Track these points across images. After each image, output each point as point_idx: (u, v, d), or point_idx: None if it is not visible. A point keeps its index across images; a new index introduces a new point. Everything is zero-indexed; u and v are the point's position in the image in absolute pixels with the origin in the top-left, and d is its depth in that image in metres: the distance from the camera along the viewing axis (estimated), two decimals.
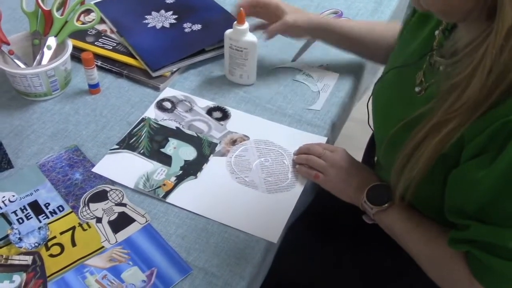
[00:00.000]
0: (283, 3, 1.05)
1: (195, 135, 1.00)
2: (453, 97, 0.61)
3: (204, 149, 0.97)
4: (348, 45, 1.09)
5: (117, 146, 0.97)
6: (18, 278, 0.77)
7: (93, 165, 0.94)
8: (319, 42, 1.23)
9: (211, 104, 1.07)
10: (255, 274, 0.81)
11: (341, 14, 1.31)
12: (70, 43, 1.07)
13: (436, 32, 0.76)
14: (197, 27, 1.20)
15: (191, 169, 0.94)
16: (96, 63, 1.13)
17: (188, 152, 0.97)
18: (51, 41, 1.06)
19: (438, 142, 0.64)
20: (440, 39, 0.75)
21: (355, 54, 1.13)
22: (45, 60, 1.06)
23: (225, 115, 1.05)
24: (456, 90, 0.61)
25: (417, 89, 0.76)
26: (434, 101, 0.65)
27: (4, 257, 0.80)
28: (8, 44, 1.04)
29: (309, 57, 1.19)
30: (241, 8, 1.01)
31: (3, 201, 0.88)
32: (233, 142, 1.00)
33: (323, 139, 1.00)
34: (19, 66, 1.05)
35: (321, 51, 1.20)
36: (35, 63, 1.07)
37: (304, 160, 0.92)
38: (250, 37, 1.04)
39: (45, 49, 1.06)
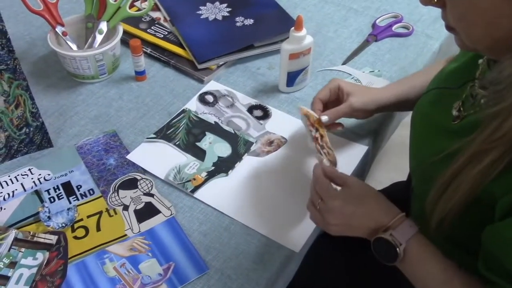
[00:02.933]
0: (346, 83, 0.93)
1: (233, 132, 0.99)
2: (493, 127, 0.58)
3: (240, 147, 0.96)
4: None
5: (154, 136, 0.98)
6: (41, 256, 0.79)
7: (128, 152, 0.95)
8: (372, 45, 1.18)
9: (253, 101, 1.05)
10: (273, 282, 0.79)
11: (402, 19, 1.25)
12: (121, 29, 1.08)
13: (480, 61, 0.71)
14: (249, 21, 1.18)
15: (223, 166, 0.93)
16: (146, 51, 1.14)
17: (223, 149, 0.96)
18: (103, 25, 1.08)
19: (477, 173, 0.60)
20: (484, 69, 0.70)
21: None
22: (96, 44, 1.08)
23: (265, 114, 1.03)
24: (496, 120, 0.57)
25: (454, 112, 0.71)
26: (476, 132, 0.61)
27: (31, 233, 0.82)
28: (62, 25, 1.07)
29: (361, 61, 1.15)
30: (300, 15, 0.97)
31: (38, 179, 0.90)
32: (270, 143, 0.97)
33: (363, 148, 0.96)
34: (71, 48, 1.08)
35: (374, 56, 1.16)
36: (86, 46, 1.09)
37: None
38: (309, 39, 1.00)
39: (96, 33, 1.08)
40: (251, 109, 1.04)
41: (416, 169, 0.78)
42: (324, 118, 0.89)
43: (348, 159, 0.95)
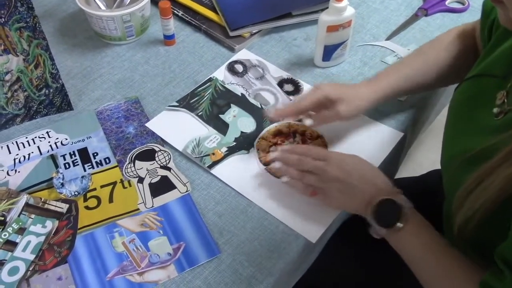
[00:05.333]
0: (335, 90, 0.83)
1: (259, 106, 0.93)
2: None
3: (265, 123, 0.90)
4: (420, 90, 0.90)
5: (177, 104, 0.93)
6: (50, 224, 0.77)
7: (148, 121, 0.90)
8: (421, 20, 1.09)
9: (284, 74, 0.99)
10: (287, 272, 0.74)
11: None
12: None
13: None
14: None
15: (245, 143, 0.87)
16: (177, 13, 1.08)
17: (247, 124, 0.90)
18: None
19: None
20: None
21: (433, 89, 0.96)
22: (125, 4, 1.03)
23: (296, 89, 0.96)
24: None
25: (495, 110, 0.63)
26: None
27: (42, 200, 0.79)
28: None
29: (407, 37, 1.05)
30: None
31: (55, 143, 0.87)
32: (298, 121, 0.91)
33: (399, 135, 0.89)
34: (99, 7, 1.03)
35: (422, 32, 1.06)
36: (114, 5, 1.04)
37: (296, 175, 0.77)
38: (350, 11, 0.92)
39: None
40: (281, 83, 0.97)
41: (447, 163, 0.70)
42: (309, 121, 0.84)
43: (382, 145, 0.87)
